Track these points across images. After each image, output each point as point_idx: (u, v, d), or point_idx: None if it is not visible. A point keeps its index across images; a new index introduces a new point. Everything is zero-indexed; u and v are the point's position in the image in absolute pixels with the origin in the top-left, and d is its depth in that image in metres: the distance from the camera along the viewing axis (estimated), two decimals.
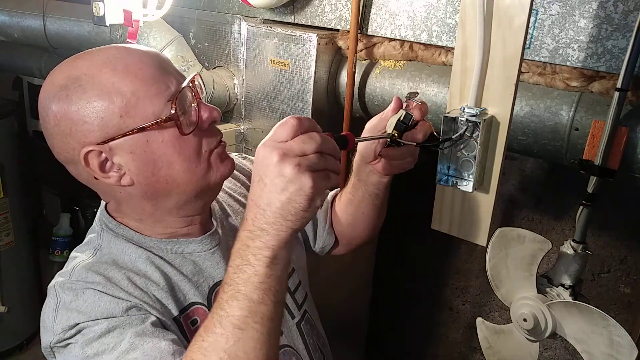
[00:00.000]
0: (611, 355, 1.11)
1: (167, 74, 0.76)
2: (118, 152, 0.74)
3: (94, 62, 0.74)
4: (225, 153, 0.82)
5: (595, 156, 1.12)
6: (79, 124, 0.72)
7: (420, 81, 1.42)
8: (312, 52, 1.50)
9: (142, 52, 0.76)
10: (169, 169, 0.76)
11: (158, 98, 0.73)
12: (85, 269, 0.77)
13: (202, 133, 0.77)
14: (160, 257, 0.81)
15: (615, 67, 1.12)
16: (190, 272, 0.82)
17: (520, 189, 1.98)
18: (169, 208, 0.80)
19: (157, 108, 0.73)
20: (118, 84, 0.72)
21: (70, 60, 0.77)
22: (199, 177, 0.78)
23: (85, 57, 0.76)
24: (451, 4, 1.31)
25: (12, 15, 2.09)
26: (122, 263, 0.79)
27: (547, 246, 1.19)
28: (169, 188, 0.77)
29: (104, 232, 0.83)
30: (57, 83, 0.74)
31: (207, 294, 0.83)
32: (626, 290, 1.87)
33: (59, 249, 2.81)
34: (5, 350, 2.70)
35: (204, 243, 0.85)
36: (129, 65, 0.73)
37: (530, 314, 1.20)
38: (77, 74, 0.73)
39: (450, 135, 0.91)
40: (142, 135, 0.73)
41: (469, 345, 2.31)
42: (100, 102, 0.72)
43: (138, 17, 1.53)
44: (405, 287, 2.41)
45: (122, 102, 0.72)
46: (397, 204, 2.14)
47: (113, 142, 0.73)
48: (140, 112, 0.72)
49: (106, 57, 0.74)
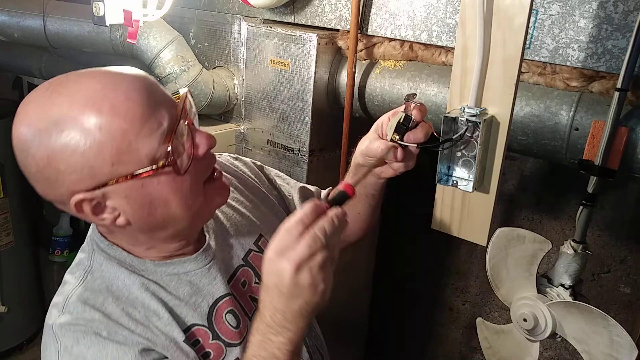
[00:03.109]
0: (611, 355, 1.11)
1: (157, 107, 0.69)
2: (111, 196, 0.70)
3: (75, 101, 0.66)
4: (222, 183, 0.80)
5: (595, 156, 1.12)
6: (66, 173, 0.66)
7: (420, 81, 1.42)
8: (312, 52, 1.50)
9: (127, 85, 0.68)
10: (165, 208, 0.73)
11: (151, 138, 0.68)
12: (80, 302, 0.74)
13: (197, 165, 0.74)
14: (155, 282, 0.79)
15: (615, 67, 1.12)
16: (187, 294, 0.80)
17: (520, 189, 1.98)
18: (164, 238, 0.78)
19: (151, 149, 0.68)
20: (106, 128, 0.65)
21: (44, 94, 0.68)
22: (196, 210, 0.76)
23: (62, 92, 0.67)
24: (451, 4, 1.31)
25: (12, 15, 2.08)
26: (117, 291, 0.76)
27: (547, 246, 1.19)
28: (165, 223, 0.75)
29: (95, 253, 0.80)
30: (34, 125, 0.66)
31: (207, 313, 0.82)
32: (626, 290, 1.87)
33: (59, 249, 2.81)
34: (5, 350, 2.70)
35: (198, 260, 0.82)
36: (116, 105, 0.66)
37: (530, 314, 1.20)
38: (56, 115, 0.65)
39: (451, 136, 0.91)
40: (136, 180, 0.69)
41: (469, 345, 2.31)
42: (88, 150, 0.65)
43: (138, 17, 1.53)
44: (405, 287, 2.40)
45: (112, 148, 0.66)
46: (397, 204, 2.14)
47: (105, 187, 0.68)
48: (133, 157, 0.67)
49: (88, 96, 0.66)
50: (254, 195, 1.00)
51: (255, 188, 1.02)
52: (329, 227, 0.65)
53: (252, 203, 0.99)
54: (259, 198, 1.01)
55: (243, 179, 1.01)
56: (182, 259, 0.81)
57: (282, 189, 1.08)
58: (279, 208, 1.04)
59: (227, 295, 0.84)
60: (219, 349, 0.81)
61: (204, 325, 0.81)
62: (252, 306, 0.89)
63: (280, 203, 1.06)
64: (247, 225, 0.95)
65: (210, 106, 1.72)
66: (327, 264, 0.65)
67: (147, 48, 1.69)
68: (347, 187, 0.71)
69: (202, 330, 0.80)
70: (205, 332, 0.80)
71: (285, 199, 1.08)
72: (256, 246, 0.95)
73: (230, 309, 0.84)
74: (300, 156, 1.63)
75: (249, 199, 0.99)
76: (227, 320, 0.83)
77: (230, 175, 0.99)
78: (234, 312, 0.84)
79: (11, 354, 2.72)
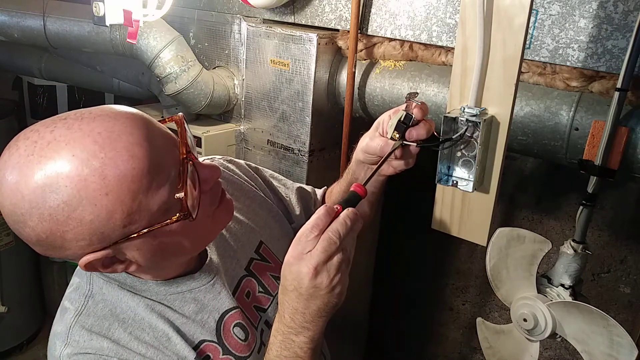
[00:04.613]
0: (611, 355, 1.11)
1: (161, 155, 0.64)
2: (124, 251, 0.67)
3: (73, 166, 0.58)
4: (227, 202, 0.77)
5: (595, 156, 1.12)
6: (74, 242, 0.62)
7: (420, 81, 1.42)
8: (312, 52, 1.50)
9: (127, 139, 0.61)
10: (178, 250, 0.72)
11: (161, 191, 0.63)
12: (85, 330, 0.72)
13: (205, 196, 0.70)
14: (159, 302, 0.77)
15: (615, 67, 1.12)
16: (192, 312, 0.79)
17: (520, 189, 1.98)
18: (172, 265, 0.78)
19: (162, 202, 0.64)
20: (113, 193, 0.60)
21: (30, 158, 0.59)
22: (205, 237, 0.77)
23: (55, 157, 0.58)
24: (451, 4, 1.31)
25: (12, 15, 2.08)
26: (122, 314, 0.75)
27: (547, 246, 1.19)
28: (176, 258, 0.76)
29: (93, 276, 0.77)
30: (27, 195, 0.58)
31: (215, 328, 0.81)
32: (626, 290, 1.87)
33: None
34: (5, 350, 2.70)
35: (202, 277, 0.81)
36: (120, 168, 0.60)
37: (530, 314, 1.20)
38: (54, 182, 0.58)
39: (451, 135, 0.91)
40: (149, 234, 0.65)
41: (469, 345, 2.31)
42: (97, 218, 0.60)
43: (138, 17, 1.53)
44: (405, 287, 2.41)
45: (122, 212, 0.61)
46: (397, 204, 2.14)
47: (117, 245, 0.65)
48: (145, 214, 0.63)
49: (86, 160, 0.59)
50: (250, 200, 0.98)
51: (251, 192, 1.00)
52: (342, 229, 0.66)
53: (249, 209, 0.97)
54: (256, 202, 0.99)
55: (239, 184, 0.98)
56: (185, 278, 0.80)
57: (279, 190, 1.07)
58: (277, 211, 1.03)
59: (233, 309, 0.84)
60: None
61: (214, 340, 0.80)
62: (257, 316, 0.89)
63: (279, 205, 1.05)
64: (247, 234, 0.94)
65: (210, 106, 1.72)
66: (343, 266, 0.67)
67: (147, 48, 1.69)
68: (358, 188, 0.72)
69: (212, 345, 0.80)
70: (216, 348, 0.80)
71: (283, 201, 1.06)
72: (257, 254, 0.94)
73: (238, 321, 0.84)
74: (300, 156, 1.63)
75: (245, 205, 0.97)
76: (236, 334, 0.83)
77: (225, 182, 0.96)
78: (242, 325, 0.84)
79: (11, 354, 2.72)
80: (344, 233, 0.67)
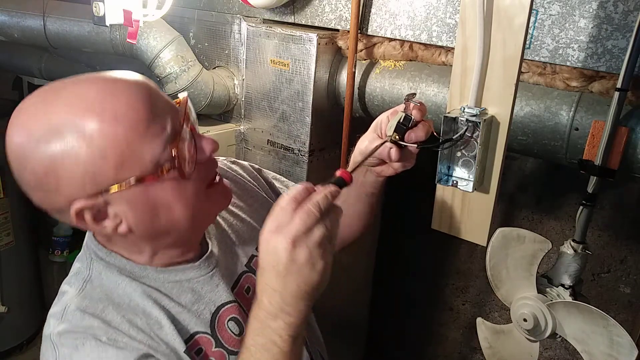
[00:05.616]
0: (611, 355, 1.11)
1: (159, 112, 0.68)
2: (113, 203, 0.68)
3: (75, 107, 0.64)
4: (224, 187, 0.79)
5: (595, 156, 1.12)
6: (66, 180, 0.65)
7: (420, 81, 1.42)
8: (312, 52, 1.50)
9: (129, 92, 0.67)
10: (169, 214, 0.72)
11: (155, 143, 0.66)
12: (79, 310, 0.72)
13: (200, 169, 0.73)
14: (157, 289, 0.77)
15: (615, 67, 1.12)
16: (189, 302, 0.79)
17: (520, 189, 1.98)
18: (166, 244, 0.77)
19: (155, 153, 0.67)
20: (109, 134, 0.64)
21: (41, 102, 0.66)
22: (199, 214, 0.75)
23: (60, 99, 0.66)
24: (451, 4, 1.31)
25: (12, 15, 2.08)
26: (118, 299, 0.75)
27: (547, 246, 1.19)
28: (168, 230, 0.74)
29: (93, 262, 0.78)
30: (32, 133, 0.64)
31: (210, 320, 0.80)
32: (626, 290, 1.87)
33: (59, 249, 2.81)
34: (5, 350, 2.70)
35: (201, 268, 0.81)
36: (118, 111, 0.65)
37: (530, 314, 1.20)
38: (55, 122, 0.64)
39: (451, 136, 0.91)
40: (140, 186, 0.67)
41: (469, 345, 2.31)
42: (90, 156, 0.64)
43: (138, 17, 1.53)
44: (405, 287, 2.41)
45: (115, 154, 0.64)
46: (397, 204, 2.14)
47: (107, 194, 0.67)
48: (137, 161, 0.66)
49: (88, 102, 0.65)
50: (253, 200, 0.99)
51: (254, 192, 1.01)
52: (322, 202, 0.63)
53: (251, 208, 0.98)
54: (259, 202, 1.00)
55: (242, 184, 1.00)
56: (185, 266, 0.80)
57: (281, 192, 1.08)
58: None
59: (230, 303, 0.83)
60: (222, 356, 0.80)
61: (207, 332, 0.80)
62: None
63: None
64: (248, 231, 0.94)
65: (210, 106, 1.72)
66: (325, 241, 0.62)
67: (147, 48, 1.69)
68: (344, 174, 0.70)
69: (205, 337, 0.79)
70: (209, 340, 0.80)
71: None
72: (258, 251, 0.94)
73: (233, 316, 0.83)
74: (300, 156, 1.63)
75: (248, 204, 0.98)
76: (230, 328, 0.82)
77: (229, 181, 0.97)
78: (237, 320, 0.84)
79: (11, 354, 2.72)
80: (325, 206, 0.63)
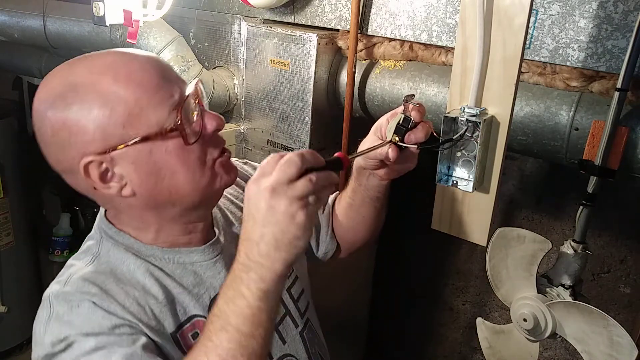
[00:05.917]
0: (611, 355, 1.11)
1: (170, 81, 0.74)
2: (120, 162, 0.72)
3: (93, 69, 0.71)
4: (229, 162, 0.81)
5: (595, 156, 1.12)
6: (79, 134, 0.70)
7: (420, 81, 1.42)
8: (312, 52, 1.50)
9: (143, 59, 0.74)
10: (172, 180, 0.74)
11: (162, 107, 0.71)
12: (81, 279, 0.75)
13: (206, 142, 0.76)
14: (160, 268, 0.79)
15: (615, 67, 1.12)
16: (190, 284, 0.81)
17: (520, 189, 1.98)
18: (171, 217, 0.79)
19: (161, 117, 0.71)
20: (120, 92, 0.70)
21: (66, 65, 0.74)
22: (203, 186, 0.77)
23: (82, 63, 0.73)
24: (451, 4, 1.31)
25: (12, 15, 2.08)
26: (121, 274, 0.77)
27: (547, 246, 1.19)
28: (172, 198, 0.76)
29: (103, 240, 0.81)
30: (53, 90, 0.71)
31: (208, 305, 0.81)
32: (626, 290, 1.87)
33: (59, 249, 2.81)
34: (5, 350, 2.70)
35: (205, 252, 0.83)
36: (131, 72, 0.71)
37: (530, 314, 1.20)
38: (75, 81, 0.71)
39: (451, 136, 0.91)
40: (145, 145, 0.71)
41: (469, 345, 2.31)
42: (101, 112, 0.69)
43: (138, 17, 1.53)
44: (405, 287, 2.41)
45: (125, 111, 0.69)
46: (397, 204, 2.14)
47: (115, 152, 0.71)
48: (144, 121, 0.70)
49: (106, 64, 0.72)
50: None
51: None
52: (308, 155, 0.64)
53: None
54: None
55: None
56: (190, 249, 0.82)
57: None
58: None
59: None
60: None
61: (205, 316, 0.80)
62: None
63: None
64: None
65: (210, 106, 1.72)
66: (307, 197, 0.62)
67: (147, 48, 1.69)
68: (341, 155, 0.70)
69: (203, 322, 0.80)
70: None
71: None
72: None
73: None
74: None
75: None
76: None
77: (240, 180, 0.99)
78: None
79: (11, 354, 2.72)
80: (310, 160, 0.64)
